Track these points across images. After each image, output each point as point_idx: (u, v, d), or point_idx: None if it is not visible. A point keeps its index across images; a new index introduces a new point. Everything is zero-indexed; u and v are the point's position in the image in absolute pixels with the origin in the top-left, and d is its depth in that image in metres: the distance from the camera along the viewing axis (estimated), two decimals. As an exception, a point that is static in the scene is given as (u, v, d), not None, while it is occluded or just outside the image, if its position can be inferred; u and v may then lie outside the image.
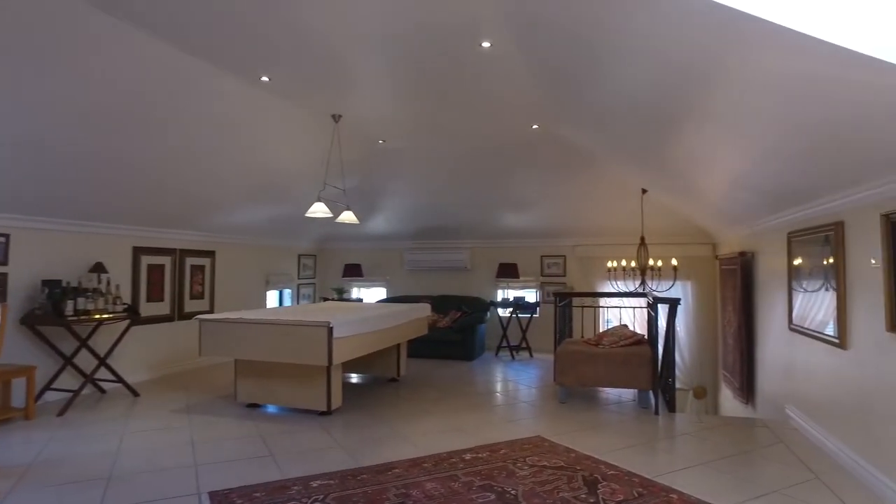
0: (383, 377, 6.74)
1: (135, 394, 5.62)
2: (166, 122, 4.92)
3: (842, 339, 3.82)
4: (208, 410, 5.13)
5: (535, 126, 6.46)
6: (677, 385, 8.66)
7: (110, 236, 6.12)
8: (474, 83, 5.00)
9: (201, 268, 7.55)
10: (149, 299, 6.62)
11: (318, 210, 5.76)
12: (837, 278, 3.87)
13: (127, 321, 5.73)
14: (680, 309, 8.77)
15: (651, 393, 5.40)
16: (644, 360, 5.30)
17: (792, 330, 4.83)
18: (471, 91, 5.23)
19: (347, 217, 6.40)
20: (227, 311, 6.91)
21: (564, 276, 9.32)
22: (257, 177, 6.82)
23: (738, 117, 3.59)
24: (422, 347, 8.28)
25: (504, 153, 7.29)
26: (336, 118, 6.02)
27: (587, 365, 5.46)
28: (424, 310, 7.03)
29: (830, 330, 4.01)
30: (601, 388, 5.99)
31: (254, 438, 4.31)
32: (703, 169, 5.28)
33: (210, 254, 7.73)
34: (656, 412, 5.13)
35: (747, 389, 6.21)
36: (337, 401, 5.08)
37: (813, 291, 4.38)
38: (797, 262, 4.72)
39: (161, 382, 6.35)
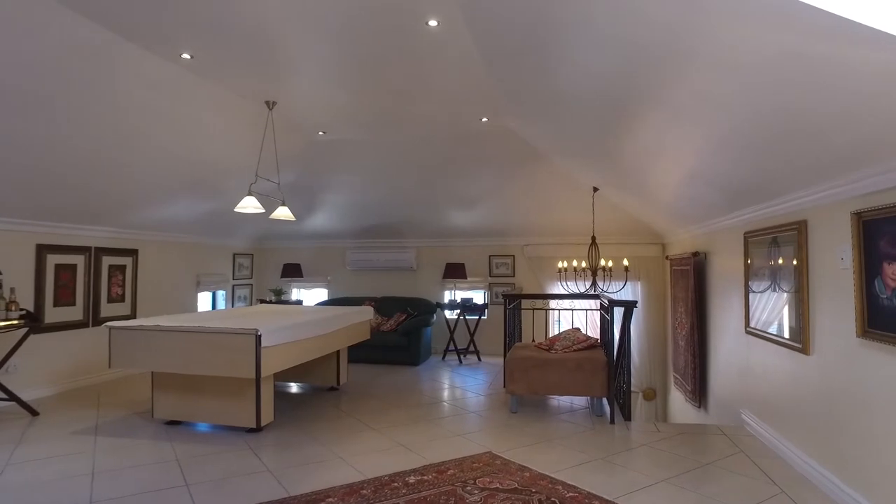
0: (322, 386, 6.27)
1: (33, 413, 4.94)
2: (68, 102, 4.31)
3: (804, 345, 3.64)
4: (120, 431, 4.54)
5: (484, 119, 6.15)
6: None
7: (7, 232, 5.41)
8: (420, 68, 4.61)
9: (121, 268, 6.86)
10: (56, 304, 5.92)
11: (249, 205, 5.25)
12: (800, 281, 3.69)
13: (25, 329, 5.04)
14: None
15: (605, 400, 5.15)
16: (598, 366, 5.04)
17: (749, 333, 4.66)
18: (417, 77, 4.84)
19: (283, 213, 5.90)
20: (153, 315, 6.30)
21: (513, 276, 9.05)
22: (185, 168, 6.21)
23: (695, 107, 3.34)
24: (365, 352, 7.85)
25: (452, 147, 6.94)
26: (270, 105, 5.52)
27: (539, 372, 5.16)
28: (366, 313, 6.59)
29: (792, 334, 3.83)
30: (554, 396, 5.70)
31: (168, 465, 3.78)
32: (656, 164, 5.07)
33: (132, 252, 7.04)
34: (612, 421, 4.88)
35: (700, 393, 6.06)
36: (268, 416, 4.59)
37: (772, 294, 4.20)
38: (754, 263, 4.55)
39: (68, 398, 5.67)
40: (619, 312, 5.12)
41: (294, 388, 6.33)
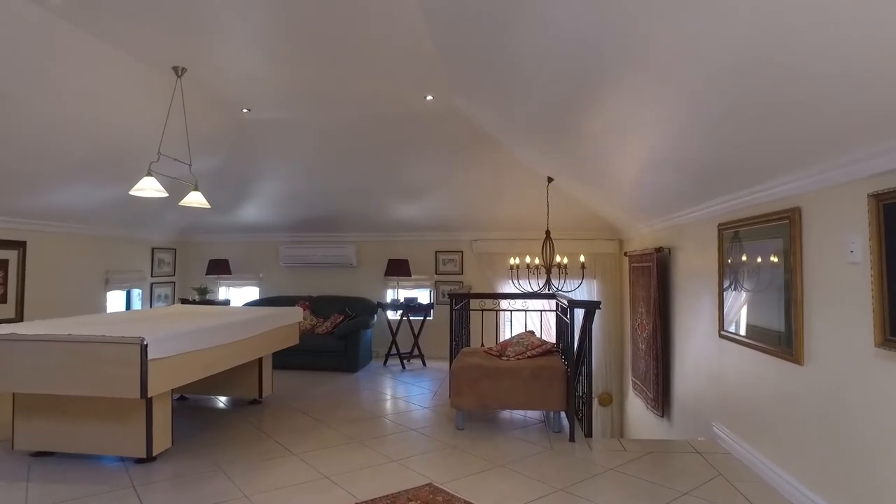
0: (243, 399, 5.47)
1: None
2: None
3: (796, 353, 3.11)
4: (-31, 465, 3.64)
5: (429, 97, 5.48)
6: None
7: None
8: (356, 35, 3.93)
9: (2, 263, 5.85)
10: (-88, 306, 4.91)
11: (148, 187, 4.40)
12: (791, 278, 3.16)
13: None
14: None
15: (564, 414, 4.56)
16: (556, 375, 4.44)
17: (723, 337, 4.15)
18: (352, 46, 4.15)
19: (194, 199, 5.06)
20: (50, 317, 5.34)
21: (462, 274, 8.41)
22: (81, 145, 5.26)
23: (665, 76, 2.75)
24: (297, 358, 7.07)
25: (395, 131, 6.24)
26: (179, 72, 4.68)
27: (490, 383, 4.52)
28: (294, 315, 5.81)
29: (780, 340, 3.30)
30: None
31: (16, 514, 2.95)
32: (619, 148, 4.50)
33: (17, 245, 6.03)
34: (571, 438, 4.28)
35: (663, 401, 5.56)
36: (163, 442, 3.78)
37: (752, 293, 3.68)
38: (731, 258, 4.03)
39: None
40: (579, 314, 4.53)
41: (209, 401, 5.50)
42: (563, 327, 5.17)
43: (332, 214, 8.26)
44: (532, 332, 5.38)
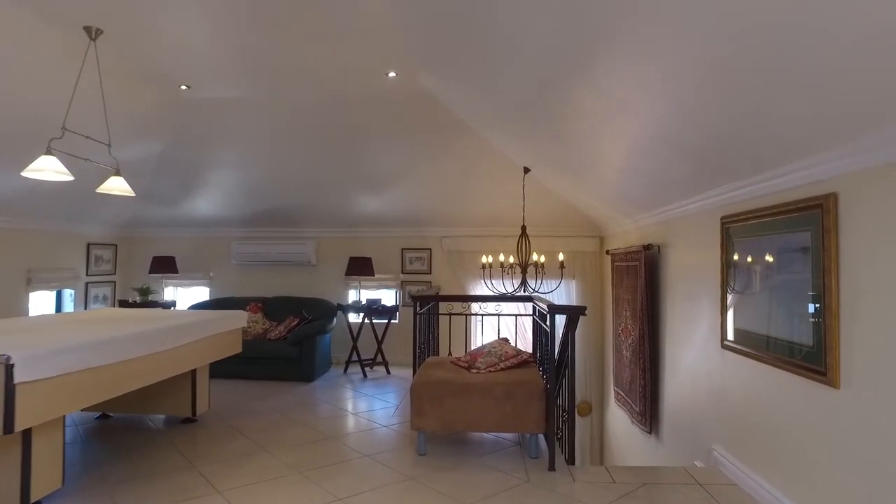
0: (176, 417, 4.74)
1: None
2: None
3: (831, 373, 2.52)
4: None
5: (391, 73, 4.82)
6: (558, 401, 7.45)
7: None
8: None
9: None
10: None
11: (47, 168, 3.63)
12: (825, 281, 2.57)
13: None
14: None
15: (543, 436, 3.94)
16: (534, 392, 3.81)
17: (727, 348, 3.56)
18: (308, 10, 3.46)
19: (115, 186, 4.29)
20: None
21: (430, 273, 7.75)
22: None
23: (667, 21, 2.13)
24: (247, 367, 6.37)
25: (356, 114, 5.56)
26: (92, 33, 3.93)
27: (456, 401, 3.87)
28: (236, 319, 5.08)
29: (806, 356, 2.71)
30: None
31: None
32: (606, 127, 3.89)
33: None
34: (551, 466, 3.65)
35: (651, 416, 4.98)
36: (51, 481, 3.05)
37: (769, 298, 3.10)
38: (739, 257, 3.44)
39: None
40: (560, 321, 3.90)
41: (136, 421, 4.74)
42: (542, 335, 4.54)
43: (290, 208, 7.53)
44: (506, 340, 4.75)
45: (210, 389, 4.98)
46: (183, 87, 5.13)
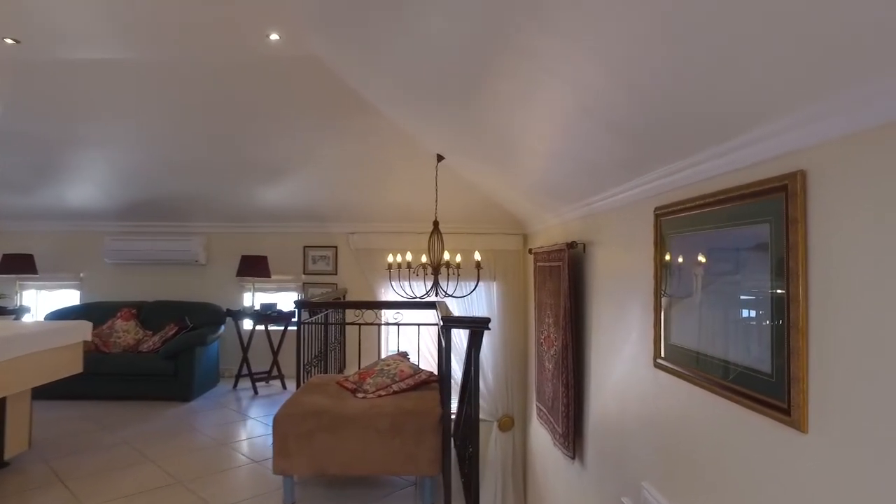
0: (-18, 459, 3.71)
1: None
2: None
3: (796, 412, 1.86)
4: None
5: (274, 36, 4.01)
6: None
7: None
8: None
9: None
10: None
11: None
12: (788, 291, 1.91)
13: None
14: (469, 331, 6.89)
15: (442, 476, 3.18)
16: (428, 424, 3.06)
17: (661, 367, 2.91)
18: None
19: None
20: None
21: (336, 274, 6.90)
22: None
23: None
24: (111, 385, 5.41)
25: (244, 89, 4.74)
26: None
27: (330, 436, 3.07)
28: (75, 332, 4.10)
29: (762, 386, 2.06)
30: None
31: None
32: (526, 108, 3.18)
33: None
34: (446, 520, 2.91)
35: (574, 439, 4.33)
36: None
37: (712, 309, 2.45)
38: (674, 256, 2.79)
39: None
40: (458, 335, 3.16)
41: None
42: (440, 352, 3.79)
43: (174, 198, 6.51)
44: (405, 356, 3.98)
45: (37, 420, 3.99)
46: (8, 41, 4.11)
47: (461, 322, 3.00)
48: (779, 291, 1.97)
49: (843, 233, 1.71)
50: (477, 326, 2.83)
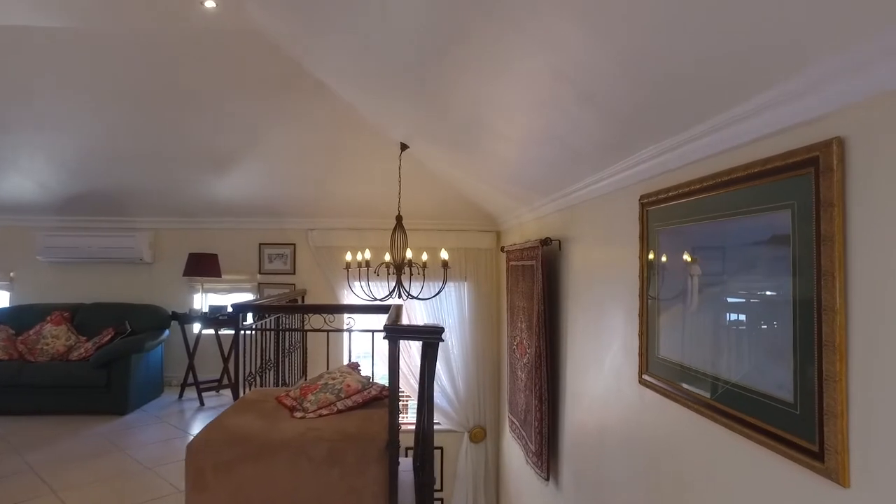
0: None
1: None
2: None
3: (832, 458, 1.40)
4: None
5: (209, 2, 3.52)
6: (447, 426, 6.28)
7: None
8: None
9: None
10: None
11: None
12: (820, 297, 1.45)
13: None
14: (454, 320, 6.40)
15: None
16: (374, 451, 2.57)
17: (647, 385, 2.46)
18: None
19: None
20: None
21: (294, 273, 6.37)
22: None
23: None
24: (35, 397, 4.86)
25: (186, 65, 4.19)
26: None
27: (255, 467, 2.56)
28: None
29: (784, 421, 1.60)
30: None
31: None
32: (503, 80, 2.70)
33: None
34: (391, 570, 2.42)
35: (549, 459, 3.87)
36: None
37: (713, 318, 1.99)
38: (666, 253, 2.33)
39: None
40: (406, 348, 2.66)
41: None
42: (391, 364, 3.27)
43: (117, 190, 5.92)
44: (355, 367, 3.47)
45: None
46: None
47: (408, 333, 2.51)
48: (805, 297, 1.51)
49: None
50: (428, 337, 2.34)
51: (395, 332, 2.44)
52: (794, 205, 1.55)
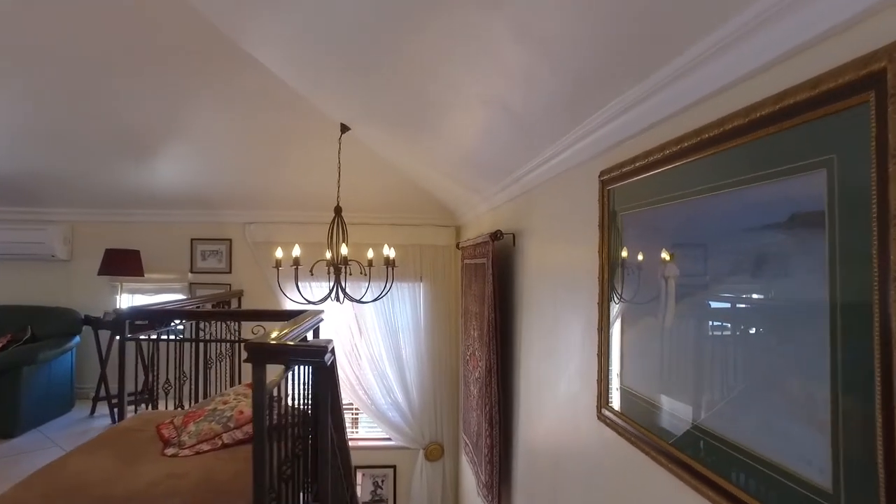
0: None
1: None
2: None
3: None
4: None
5: None
6: (400, 442, 5.64)
7: None
8: None
9: None
10: None
11: None
12: (880, 312, 0.84)
13: None
14: (408, 325, 5.75)
15: None
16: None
17: (606, 421, 1.84)
18: None
19: None
20: None
21: (230, 272, 5.67)
22: None
23: None
24: None
25: (96, 29, 3.43)
26: None
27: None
28: None
29: (808, 468, 0.99)
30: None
31: None
32: (455, 42, 2.06)
33: None
34: None
35: (499, 491, 3.25)
36: None
37: (695, 334, 1.38)
38: (630, 246, 1.72)
39: None
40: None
41: None
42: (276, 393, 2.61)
43: (25, 176, 5.16)
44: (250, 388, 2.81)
45: None
46: None
47: (276, 354, 1.85)
48: (853, 312, 0.90)
49: None
50: (309, 360, 1.68)
51: (258, 353, 1.77)
52: (834, 160, 0.94)
